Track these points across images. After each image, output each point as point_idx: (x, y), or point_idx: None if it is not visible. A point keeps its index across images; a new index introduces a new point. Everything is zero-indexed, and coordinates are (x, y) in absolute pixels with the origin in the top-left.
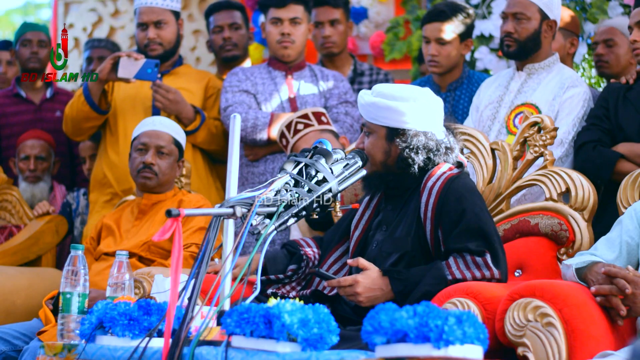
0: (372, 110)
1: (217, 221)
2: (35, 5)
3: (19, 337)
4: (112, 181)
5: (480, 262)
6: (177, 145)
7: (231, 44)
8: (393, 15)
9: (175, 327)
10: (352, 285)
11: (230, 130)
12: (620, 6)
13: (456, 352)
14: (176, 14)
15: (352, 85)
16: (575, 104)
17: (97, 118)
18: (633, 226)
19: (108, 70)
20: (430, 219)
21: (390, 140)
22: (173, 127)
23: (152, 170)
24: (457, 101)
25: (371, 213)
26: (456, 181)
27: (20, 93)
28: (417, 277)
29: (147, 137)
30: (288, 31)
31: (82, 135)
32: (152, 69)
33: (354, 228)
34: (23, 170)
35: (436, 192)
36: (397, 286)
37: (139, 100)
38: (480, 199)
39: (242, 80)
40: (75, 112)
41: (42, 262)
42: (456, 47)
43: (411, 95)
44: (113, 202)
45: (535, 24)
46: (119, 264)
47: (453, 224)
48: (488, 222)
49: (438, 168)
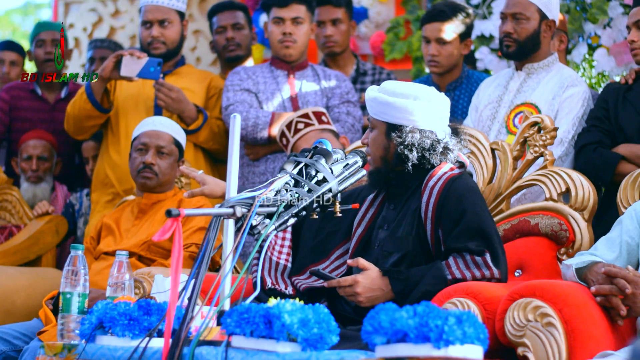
0: (374, 105)
1: (217, 221)
2: (35, 5)
3: (19, 337)
4: (113, 181)
5: (480, 262)
6: (178, 145)
7: (234, 44)
8: (393, 15)
9: (175, 327)
10: (352, 286)
11: (231, 130)
12: (621, 6)
13: (456, 352)
14: (181, 14)
15: (354, 84)
16: (575, 103)
17: (99, 117)
18: (633, 226)
19: (110, 69)
20: (431, 219)
21: (388, 137)
22: (173, 127)
23: (152, 171)
24: (456, 101)
25: (375, 211)
26: (457, 181)
27: (36, 90)
28: (417, 277)
29: (147, 137)
30: (290, 31)
31: (84, 134)
32: (155, 68)
33: (356, 225)
34: (25, 170)
35: (437, 192)
36: (397, 286)
37: (141, 100)
38: (480, 199)
39: (243, 79)
40: (77, 110)
41: (42, 262)
42: (456, 47)
43: (413, 93)
44: (115, 202)
45: (535, 24)
46: (119, 264)
47: (453, 224)
48: (488, 222)
49: (439, 168)
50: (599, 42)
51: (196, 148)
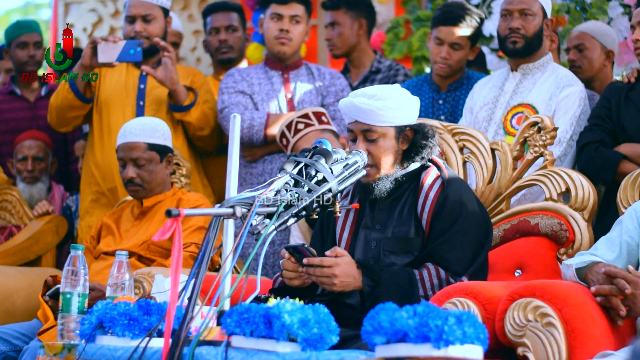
0: (374, 114)
1: (217, 221)
2: (35, 5)
3: (19, 337)
4: (98, 179)
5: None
6: (154, 148)
7: (227, 46)
8: (393, 15)
9: (175, 327)
10: (332, 267)
11: (230, 130)
12: (621, 6)
13: (456, 352)
14: (165, 10)
15: (364, 83)
16: (572, 103)
17: (80, 107)
18: (633, 226)
19: (89, 56)
20: (427, 220)
21: (397, 140)
22: (146, 132)
23: (135, 184)
24: (456, 101)
25: (355, 214)
26: (453, 184)
27: (15, 91)
28: (388, 282)
29: (122, 151)
30: (287, 28)
31: (67, 126)
32: (135, 50)
33: (340, 231)
34: (21, 171)
35: (434, 195)
36: (367, 281)
37: (124, 97)
38: (477, 205)
39: (238, 81)
40: (60, 100)
41: (42, 262)
42: (467, 52)
43: (394, 93)
44: (100, 201)
45: (539, 21)
46: (119, 264)
47: (444, 229)
48: (477, 236)
49: (431, 168)
50: None
51: (182, 145)
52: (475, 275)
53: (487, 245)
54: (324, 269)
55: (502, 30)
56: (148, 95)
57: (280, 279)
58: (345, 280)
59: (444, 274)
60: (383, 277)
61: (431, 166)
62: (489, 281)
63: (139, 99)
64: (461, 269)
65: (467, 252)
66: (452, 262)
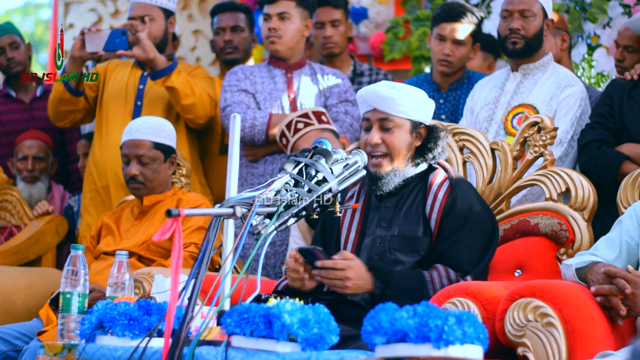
0: (393, 103)
1: (217, 221)
2: (35, 5)
3: (19, 337)
4: (95, 177)
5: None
6: (160, 147)
7: (232, 46)
8: (393, 15)
9: (175, 327)
10: (345, 270)
11: (230, 130)
12: (620, 6)
13: (456, 352)
14: (167, 12)
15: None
16: (573, 103)
17: (71, 100)
18: (633, 226)
19: (79, 47)
20: (435, 220)
21: (411, 134)
22: (152, 131)
23: (138, 181)
24: (457, 101)
25: (361, 216)
26: (462, 185)
27: (10, 93)
28: (399, 284)
29: (127, 148)
30: (274, 26)
31: (63, 120)
32: (120, 38)
33: (347, 232)
34: (21, 170)
35: (442, 197)
36: (378, 284)
37: (124, 96)
38: (484, 206)
39: (241, 79)
40: (53, 93)
41: (42, 262)
42: (469, 49)
43: (414, 89)
44: (96, 200)
45: (540, 21)
46: (119, 264)
47: (453, 229)
48: (486, 237)
49: (437, 173)
50: (598, 41)
51: (178, 146)
52: (480, 275)
53: (494, 245)
54: (337, 272)
55: (502, 31)
56: (146, 95)
57: (284, 282)
58: (357, 283)
59: (453, 275)
60: (393, 279)
61: (438, 168)
62: (489, 281)
63: (137, 99)
64: (470, 268)
65: (476, 252)
66: (463, 262)
